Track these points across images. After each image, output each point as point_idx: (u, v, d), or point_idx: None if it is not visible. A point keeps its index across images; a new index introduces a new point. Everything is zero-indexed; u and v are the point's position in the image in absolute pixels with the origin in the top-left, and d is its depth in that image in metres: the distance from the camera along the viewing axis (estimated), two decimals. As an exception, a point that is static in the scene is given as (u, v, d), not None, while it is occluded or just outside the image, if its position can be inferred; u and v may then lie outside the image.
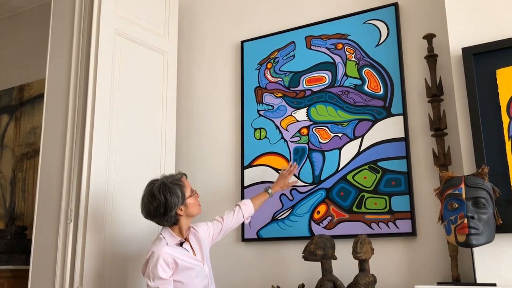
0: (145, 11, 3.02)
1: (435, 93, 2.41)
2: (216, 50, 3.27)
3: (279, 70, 2.96)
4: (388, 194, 2.50)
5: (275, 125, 2.90)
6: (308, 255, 2.32)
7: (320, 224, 2.64)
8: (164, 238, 2.20)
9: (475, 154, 2.11)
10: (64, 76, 2.69)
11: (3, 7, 4.42)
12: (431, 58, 2.45)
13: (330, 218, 2.62)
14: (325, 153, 2.72)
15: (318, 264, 2.36)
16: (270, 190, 2.60)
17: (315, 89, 2.82)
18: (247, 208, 2.50)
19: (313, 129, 2.78)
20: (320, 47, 2.86)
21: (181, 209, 2.20)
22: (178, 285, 2.14)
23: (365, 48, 2.72)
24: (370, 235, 2.44)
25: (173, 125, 3.08)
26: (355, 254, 2.24)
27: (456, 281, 2.17)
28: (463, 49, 2.21)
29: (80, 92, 2.62)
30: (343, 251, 2.40)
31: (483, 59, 2.18)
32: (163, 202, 2.15)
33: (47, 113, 2.72)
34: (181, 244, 2.22)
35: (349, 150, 2.65)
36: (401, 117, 2.55)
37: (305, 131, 2.80)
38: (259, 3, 3.17)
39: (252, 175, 2.90)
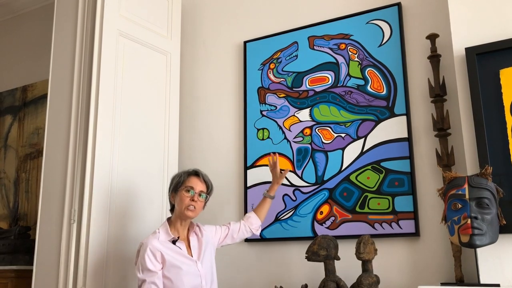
0: (148, 11, 3.02)
1: (438, 93, 2.41)
2: (219, 51, 3.27)
3: (282, 71, 2.96)
4: (392, 195, 2.50)
5: (278, 125, 2.90)
6: (311, 256, 2.32)
7: (323, 224, 2.64)
8: (158, 232, 2.25)
9: (479, 154, 2.10)
10: (67, 76, 2.70)
11: (6, 8, 4.43)
12: (434, 58, 2.45)
13: (333, 218, 2.62)
14: (328, 153, 2.71)
15: (321, 265, 2.36)
16: (269, 194, 2.55)
17: (318, 89, 2.82)
18: (251, 220, 2.51)
19: (316, 129, 2.78)
20: (323, 47, 2.86)
21: (172, 196, 2.34)
22: (167, 282, 2.16)
23: (368, 48, 2.72)
24: (373, 236, 2.44)
25: (176, 125, 3.08)
26: (358, 254, 2.24)
27: (460, 282, 2.17)
28: (467, 49, 2.21)
29: (83, 93, 2.63)
30: (346, 252, 2.40)
31: (487, 59, 2.17)
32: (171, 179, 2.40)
33: (51, 113, 2.73)
34: (174, 242, 2.24)
35: (352, 150, 2.65)
36: (404, 117, 2.55)
37: (308, 131, 2.80)
38: (262, 3, 3.17)
39: (255, 175, 2.90)
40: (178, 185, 2.31)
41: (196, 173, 2.34)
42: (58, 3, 2.87)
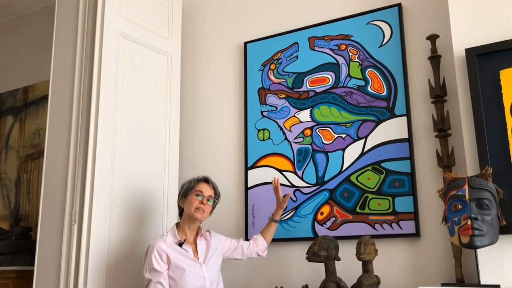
0: (149, 12, 3.03)
1: (439, 94, 2.41)
2: (219, 51, 3.28)
3: (283, 71, 2.96)
4: (392, 195, 2.50)
5: (279, 126, 2.90)
6: (312, 256, 2.32)
7: (324, 225, 2.64)
8: (166, 235, 2.35)
9: (479, 155, 2.11)
10: (68, 77, 2.71)
11: (7, 9, 4.44)
12: (435, 59, 2.45)
13: (333, 219, 2.62)
14: (329, 154, 2.72)
15: (321, 265, 2.36)
16: (274, 218, 2.58)
17: (318, 90, 2.82)
18: (258, 241, 2.55)
19: (317, 130, 2.78)
20: (324, 48, 2.86)
21: (182, 201, 2.42)
22: (172, 282, 2.24)
23: (368, 49, 2.72)
24: (374, 236, 2.44)
25: (177, 126, 3.09)
26: (358, 255, 2.24)
27: (460, 282, 2.17)
28: (467, 50, 2.21)
29: (84, 94, 2.64)
30: (347, 252, 2.40)
31: (487, 60, 2.18)
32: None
33: (52, 114, 2.73)
34: (180, 245, 2.31)
35: (353, 151, 2.65)
36: (405, 118, 2.55)
37: (308, 132, 2.80)
38: (262, 4, 3.17)
39: (255, 176, 2.90)
40: (188, 190, 2.40)
41: (205, 180, 2.44)
42: (59, 4, 2.87)
